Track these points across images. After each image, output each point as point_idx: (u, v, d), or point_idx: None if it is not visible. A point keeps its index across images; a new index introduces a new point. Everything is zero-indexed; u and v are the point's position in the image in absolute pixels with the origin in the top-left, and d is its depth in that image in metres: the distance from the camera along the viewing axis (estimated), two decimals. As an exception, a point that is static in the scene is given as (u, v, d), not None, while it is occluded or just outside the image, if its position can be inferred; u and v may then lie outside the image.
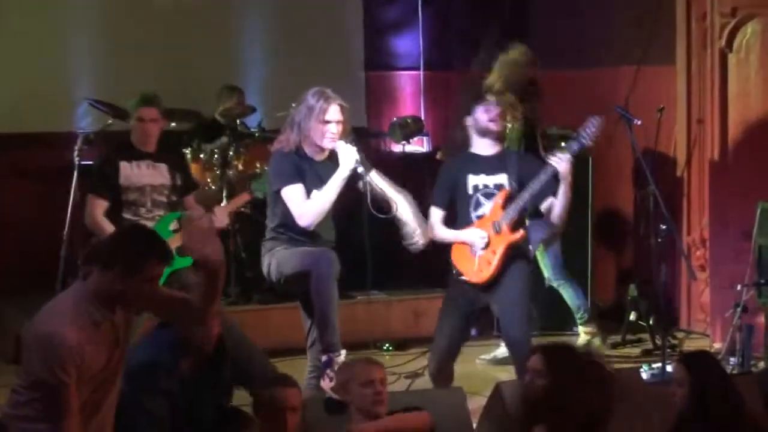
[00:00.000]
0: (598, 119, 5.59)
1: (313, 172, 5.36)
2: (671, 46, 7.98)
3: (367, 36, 8.93)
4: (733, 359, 6.81)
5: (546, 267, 7.29)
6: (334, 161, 5.34)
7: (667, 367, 5.86)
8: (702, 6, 7.65)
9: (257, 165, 7.70)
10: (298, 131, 5.38)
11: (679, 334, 7.85)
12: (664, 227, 6.41)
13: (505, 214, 5.59)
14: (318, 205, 5.29)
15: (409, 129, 8.67)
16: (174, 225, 5.94)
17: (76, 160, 5.90)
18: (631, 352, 7.41)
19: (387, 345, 7.48)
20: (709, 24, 7.61)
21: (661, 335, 6.76)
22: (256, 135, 7.91)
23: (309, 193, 5.33)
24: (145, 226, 5.39)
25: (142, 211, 6.06)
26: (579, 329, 7.39)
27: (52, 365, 3.76)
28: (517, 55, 7.07)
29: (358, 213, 5.59)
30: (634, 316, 7.72)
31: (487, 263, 5.62)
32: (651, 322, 7.55)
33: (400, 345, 7.48)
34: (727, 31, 7.48)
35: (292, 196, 5.33)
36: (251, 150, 7.79)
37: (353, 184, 5.42)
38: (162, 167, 6.08)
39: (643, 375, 6.14)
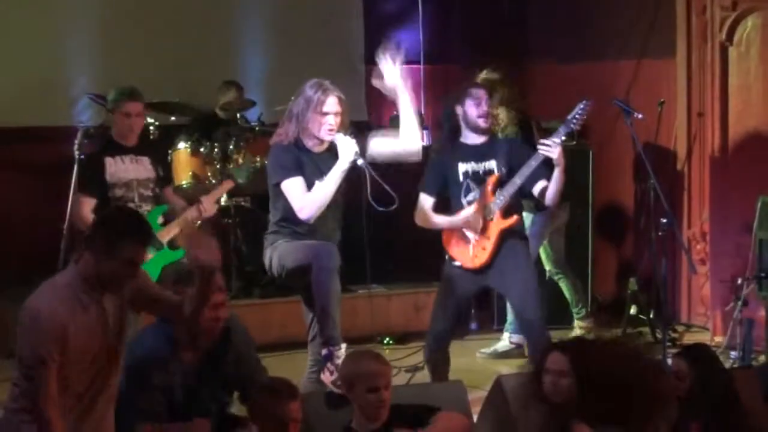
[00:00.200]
0: (586, 103, 5.59)
1: (313, 165, 5.33)
2: (672, 40, 7.97)
3: (367, 29, 8.92)
4: (733, 353, 6.83)
5: (548, 260, 7.30)
6: (333, 153, 5.32)
7: (668, 360, 5.86)
8: (702, -1, 7.67)
9: (257, 159, 7.68)
10: (297, 123, 5.35)
11: (680, 328, 7.86)
12: (665, 221, 6.40)
13: (496, 199, 5.58)
14: (318, 198, 5.26)
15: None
16: (161, 219, 5.95)
17: (77, 154, 5.87)
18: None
19: (387, 339, 7.49)
20: (710, 17, 7.61)
21: (662, 329, 6.77)
22: (256, 129, 7.90)
23: (309, 185, 5.31)
24: (129, 208, 5.38)
25: (131, 207, 6.04)
26: (575, 323, 7.40)
27: (31, 340, 3.79)
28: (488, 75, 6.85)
29: (357, 207, 5.57)
30: (634, 310, 7.73)
31: (482, 249, 5.61)
32: (651, 316, 7.56)
33: (401, 339, 7.50)
34: (727, 25, 7.48)
35: (292, 189, 5.30)
36: (251, 144, 7.78)
37: (352, 177, 5.39)
38: (145, 160, 6.05)
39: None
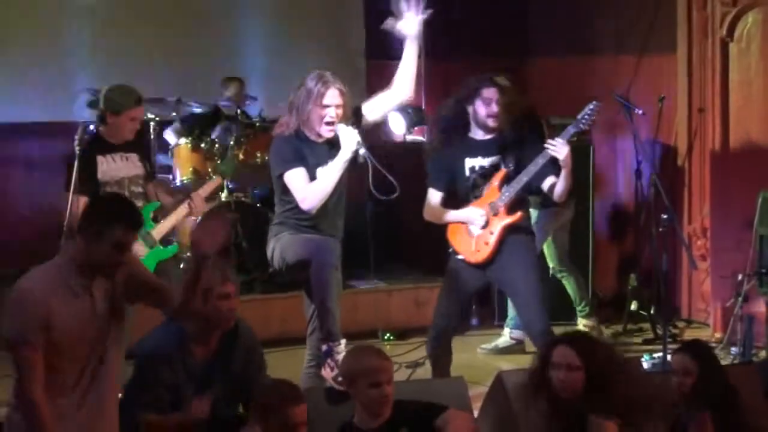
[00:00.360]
0: (596, 104, 5.60)
1: (315, 156, 5.31)
2: (672, 35, 7.96)
3: (367, 25, 8.91)
4: (734, 349, 6.83)
5: (552, 257, 7.29)
6: (335, 144, 5.31)
7: (669, 356, 5.86)
8: (703, -6, 7.66)
9: (258, 154, 7.69)
10: (298, 115, 5.34)
11: (680, 324, 7.86)
12: (665, 216, 6.40)
13: (502, 194, 5.58)
14: (320, 188, 5.25)
15: (410, 119, 8.68)
16: (153, 215, 5.94)
17: (77, 150, 5.86)
18: (632, 342, 7.42)
19: (388, 334, 7.49)
20: (710, 13, 7.60)
21: (662, 325, 6.76)
22: (257, 125, 7.90)
23: (312, 177, 5.29)
24: (118, 194, 5.39)
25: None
26: (579, 321, 7.39)
27: (15, 320, 3.81)
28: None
29: (360, 203, 5.56)
30: (635, 306, 7.74)
31: (485, 243, 5.61)
32: (652, 312, 7.56)
33: (401, 334, 7.49)
34: (728, 21, 7.48)
35: (294, 179, 5.29)
36: (252, 140, 7.78)
37: (353, 175, 5.38)
38: (133, 157, 6.03)
39: (644, 364, 6.16)
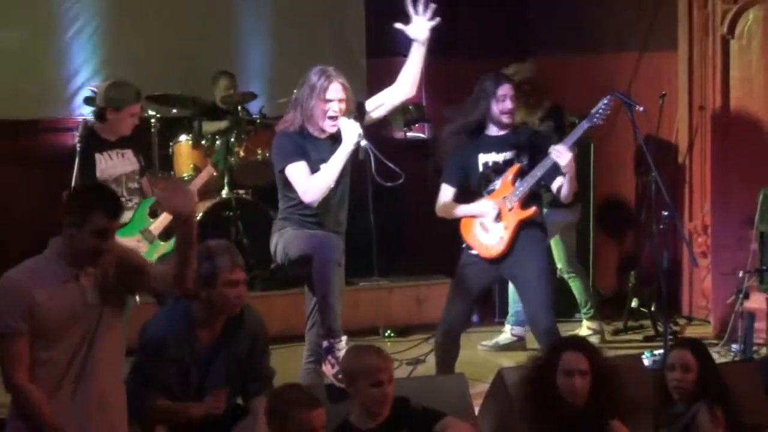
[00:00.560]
0: (610, 98, 5.62)
1: (318, 152, 5.31)
2: (673, 33, 7.95)
3: (368, 22, 8.91)
4: (734, 346, 6.83)
5: (560, 258, 7.26)
6: (337, 139, 5.31)
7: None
8: (704, -9, 7.66)
9: (258, 151, 7.69)
10: (302, 111, 5.34)
11: (681, 321, 7.86)
12: (666, 214, 6.39)
13: (515, 189, 5.59)
14: (322, 181, 5.24)
15: (410, 116, 8.68)
16: (150, 210, 5.95)
17: (78, 147, 5.87)
18: (633, 339, 7.42)
19: (389, 331, 7.49)
20: (711, 10, 7.60)
21: (663, 322, 6.76)
22: (258, 122, 7.90)
23: (315, 172, 5.29)
24: (98, 183, 5.46)
25: (121, 201, 6.02)
26: (583, 323, 7.35)
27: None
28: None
29: (363, 199, 5.56)
30: (635, 303, 7.73)
31: (500, 239, 5.61)
32: (652, 309, 7.56)
33: (402, 331, 7.49)
34: (728, 18, 7.47)
35: (295, 173, 5.28)
36: (252, 137, 7.78)
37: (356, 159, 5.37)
38: (128, 153, 6.03)
39: (644, 361, 6.15)
